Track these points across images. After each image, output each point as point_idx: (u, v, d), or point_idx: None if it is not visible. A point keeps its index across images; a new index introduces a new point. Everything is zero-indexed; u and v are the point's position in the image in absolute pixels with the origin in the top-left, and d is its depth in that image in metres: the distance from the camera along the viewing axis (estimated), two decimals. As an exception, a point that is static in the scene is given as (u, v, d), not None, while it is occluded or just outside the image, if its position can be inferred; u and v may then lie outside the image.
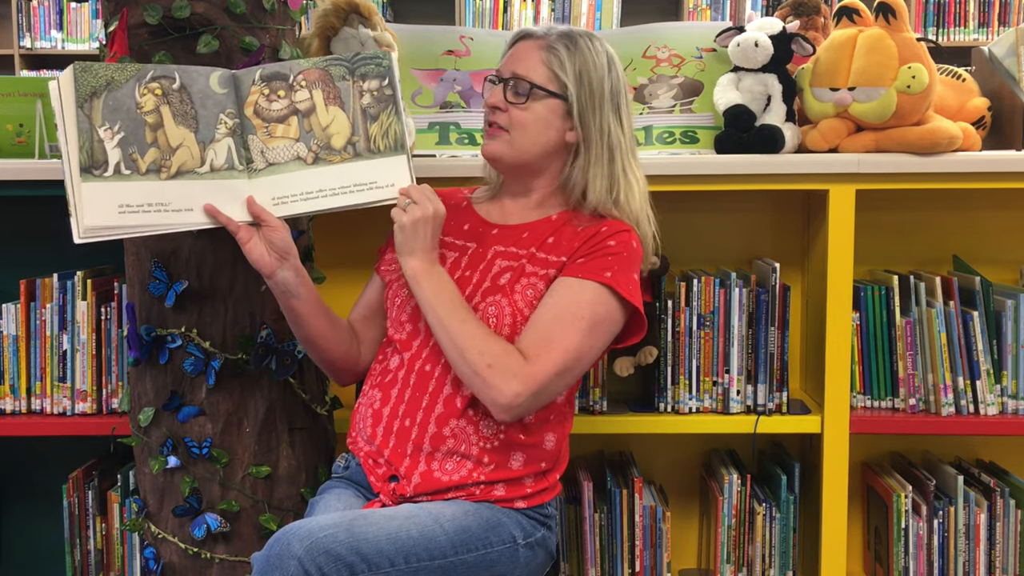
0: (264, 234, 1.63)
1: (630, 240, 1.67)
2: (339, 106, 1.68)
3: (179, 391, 1.85)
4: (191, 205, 1.61)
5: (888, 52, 2.01)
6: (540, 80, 1.68)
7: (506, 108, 1.69)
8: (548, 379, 1.56)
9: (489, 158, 1.73)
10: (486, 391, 1.55)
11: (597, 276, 1.62)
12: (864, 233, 2.12)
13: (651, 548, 2.15)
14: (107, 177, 1.56)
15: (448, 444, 1.62)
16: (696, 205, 2.29)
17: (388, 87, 1.69)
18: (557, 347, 1.58)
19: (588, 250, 1.65)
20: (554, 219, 1.72)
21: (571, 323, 1.59)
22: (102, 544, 2.17)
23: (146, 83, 1.60)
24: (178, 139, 1.61)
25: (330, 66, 1.69)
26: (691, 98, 2.21)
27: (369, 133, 1.68)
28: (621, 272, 1.63)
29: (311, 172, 1.67)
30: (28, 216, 2.32)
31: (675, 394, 2.13)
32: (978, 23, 5.25)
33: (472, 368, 1.56)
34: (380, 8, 5.13)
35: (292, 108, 1.67)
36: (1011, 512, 2.14)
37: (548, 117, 1.69)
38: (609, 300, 1.62)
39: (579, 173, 1.70)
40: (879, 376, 2.14)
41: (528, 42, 1.72)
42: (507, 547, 1.61)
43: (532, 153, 1.70)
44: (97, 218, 1.55)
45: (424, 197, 1.63)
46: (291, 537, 1.43)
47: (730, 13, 5.24)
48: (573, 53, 1.69)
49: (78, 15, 5.64)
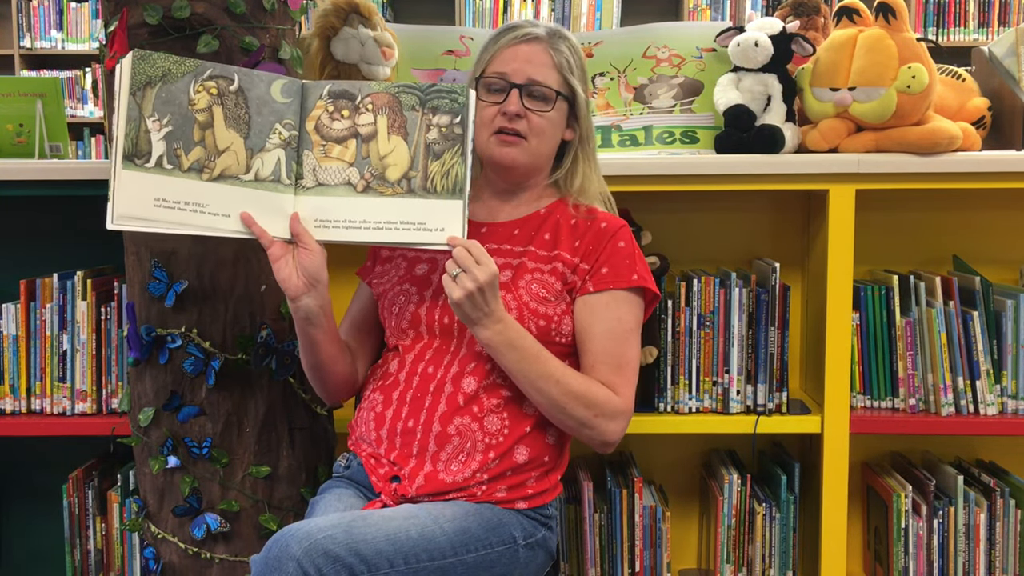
0: (298, 255, 1.59)
1: (628, 233, 1.73)
2: (402, 136, 1.62)
3: (179, 391, 1.85)
4: (228, 211, 1.58)
5: (888, 52, 2.01)
6: (557, 85, 1.70)
7: (525, 114, 1.68)
8: (632, 401, 1.68)
9: (507, 164, 1.71)
10: (597, 437, 1.65)
11: (628, 282, 1.69)
12: (864, 233, 2.12)
13: (651, 548, 2.15)
14: (148, 168, 1.55)
15: (453, 442, 1.62)
16: (696, 205, 2.29)
17: (459, 125, 1.61)
18: (628, 369, 1.68)
19: (607, 257, 1.69)
20: (543, 213, 1.75)
21: (626, 339, 1.68)
22: (102, 544, 2.17)
23: (203, 80, 1.58)
24: (226, 142, 1.59)
25: (402, 93, 1.63)
26: (691, 98, 2.21)
27: (428, 170, 1.61)
28: (639, 266, 1.71)
29: (359, 200, 1.61)
30: (28, 216, 2.32)
31: (675, 394, 2.13)
32: (978, 23, 5.25)
33: (579, 422, 1.63)
34: (380, 8, 5.13)
35: (353, 130, 1.62)
36: (1011, 512, 2.14)
37: (559, 121, 1.73)
38: (640, 299, 1.72)
39: (574, 168, 1.75)
40: (879, 376, 2.14)
41: (534, 45, 1.70)
42: (507, 548, 1.60)
43: (544, 156, 1.74)
44: (132, 207, 1.55)
45: (472, 262, 1.54)
46: (289, 539, 1.43)
47: (730, 13, 5.24)
48: (573, 54, 1.73)
49: (78, 15, 5.64)
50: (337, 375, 1.75)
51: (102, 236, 1.76)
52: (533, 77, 1.68)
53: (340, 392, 1.80)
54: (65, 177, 2.06)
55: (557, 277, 1.68)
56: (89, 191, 2.03)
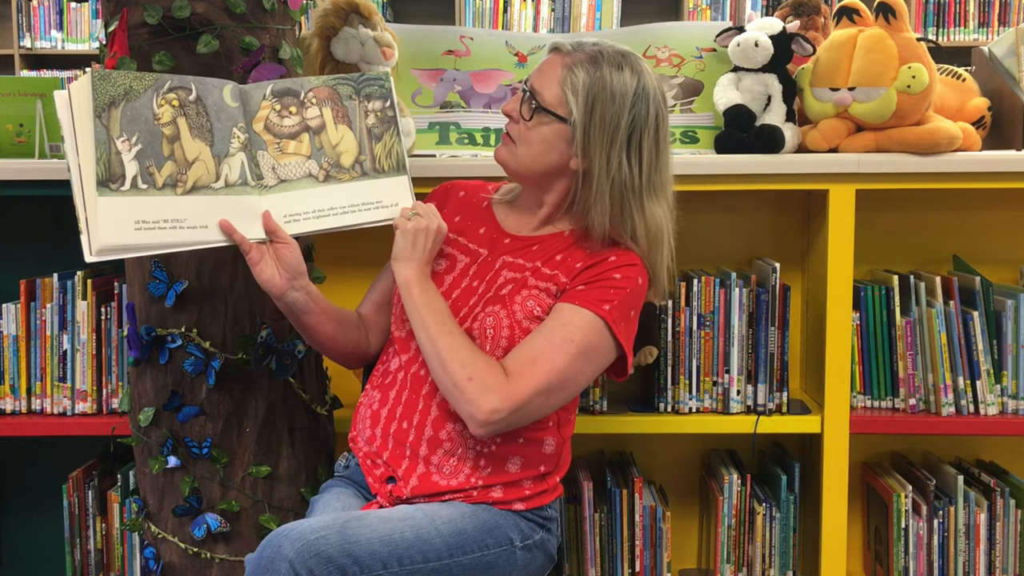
0: (276, 251, 1.61)
1: (636, 276, 1.61)
2: (347, 125, 1.69)
3: (179, 391, 1.85)
4: (206, 222, 1.56)
5: (888, 52, 2.01)
6: (550, 100, 1.61)
7: (518, 119, 1.66)
8: (528, 397, 1.53)
9: (497, 160, 1.71)
10: (464, 405, 1.53)
11: (594, 307, 1.57)
12: (864, 233, 2.12)
13: (651, 548, 2.15)
14: (124, 191, 1.50)
15: (445, 447, 1.61)
16: (696, 205, 2.27)
17: (390, 108, 1.71)
18: (541, 368, 1.54)
19: (591, 278, 1.61)
20: (566, 235, 1.68)
21: (560, 346, 1.55)
22: (102, 544, 2.17)
23: (163, 93, 1.56)
24: (194, 153, 1.57)
25: (338, 85, 1.69)
26: (691, 98, 2.21)
27: (375, 153, 1.70)
28: (619, 308, 1.59)
29: (322, 190, 1.66)
30: (28, 216, 2.32)
31: (675, 394, 2.13)
32: (978, 23, 5.25)
33: (452, 380, 1.54)
34: (380, 8, 5.13)
35: (304, 125, 1.67)
36: (1011, 512, 2.14)
37: (552, 140, 1.61)
38: (603, 331, 1.58)
39: (582, 201, 1.63)
40: (879, 376, 2.14)
41: (554, 56, 1.65)
42: (504, 550, 1.60)
43: (533, 170, 1.65)
44: (113, 236, 1.48)
45: (429, 212, 1.65)
46: (282, 539, 1.43)
47: (730, 13, 5.24)
48: (592, 79, 1.59)
49: (78, 15, 5.64)
50: (341, 348, 1.76)
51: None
52: (534, 85, 1.64)
53: (350, 362, 1.81)
54: (65, 177, 2.02)
55: (551, 297, 1.63)
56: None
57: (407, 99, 2.21)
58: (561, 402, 1.61)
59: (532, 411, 1.56)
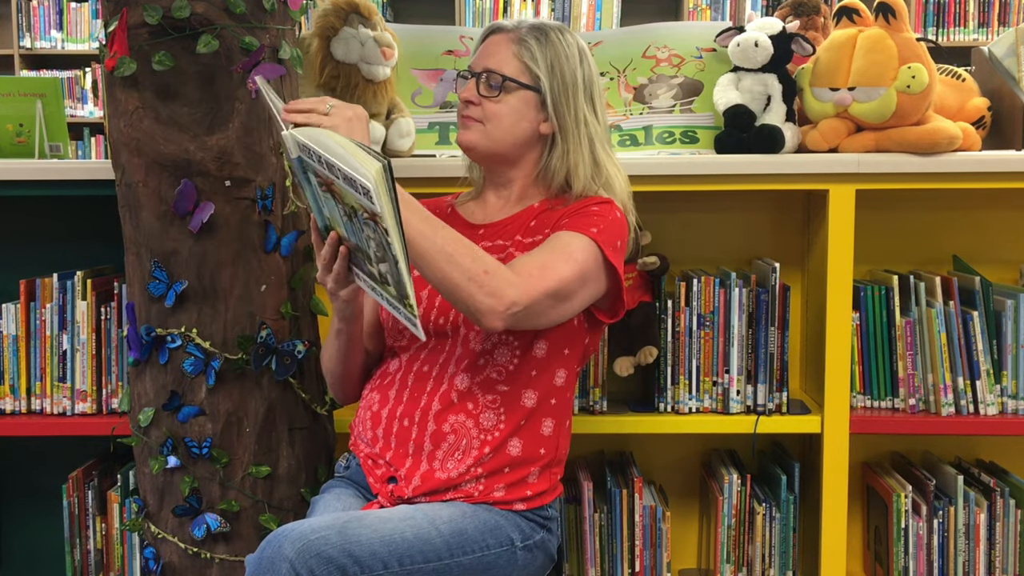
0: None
1: (613, 209, 1.69)
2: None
3: (179, 391, 1.85)
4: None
5: (888, 52, 2.01)
6: (512, 73, 1.70)
7: (479, 102, 1.71)
8: (542, 296, 1.55)
9: (464, 147, 1.74)
10: (483, 297, 1.49)
11: (584, 230, 1.63)
12: (864, 233, 2.12)
13: (651, 548, 2.15)
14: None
15: (449, 440, 1.62)
16: (696, 205, 2.29)
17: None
18: (551, 273, 1.56)
19: (572, 212, 1.67)
20: (536, 207, 1.74)
21: (564, 259, 1.58)
22: (102, 544, 2.17)
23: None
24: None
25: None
26: (691, 98, 2.21)
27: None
28: (606, 232, 1.64)
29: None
30: (28, 216, 2.32)
31: (675, 394, 2.13)
32: (978, 23, 5.26)
33: (467, 274, 1.48)
34: (380, 8, 5.13)
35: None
36: (1011, 512, 2.14)
37: (522, 109, 1.70)
38: (597, 255, 1.63)
39: (558, 162, 1.72)
40: (879, 376, 2.14)
41: (499, 36, 1.74)
42: (504, 550, 1.60)
43: (506, 143, 1.72)
44: None
45: (341, 104, 1.54)
46: (283, 539, 1.43)
47: (730, 13, 5.25)
48: (544, 45, 1.70)
49: (78, 15, 5.64)
50: (356, 377, 1.80)
51: (102, 236, 1.76)
52: (487, 66, 1.71)
53: (352, 393, 1.84)
54: (65, 177, 2.06)
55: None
56: (89, 191, 2.03)
57: (407, 99, 2.21)
58: (560, 317, 1.63)
59: (541, 313, 1.58)
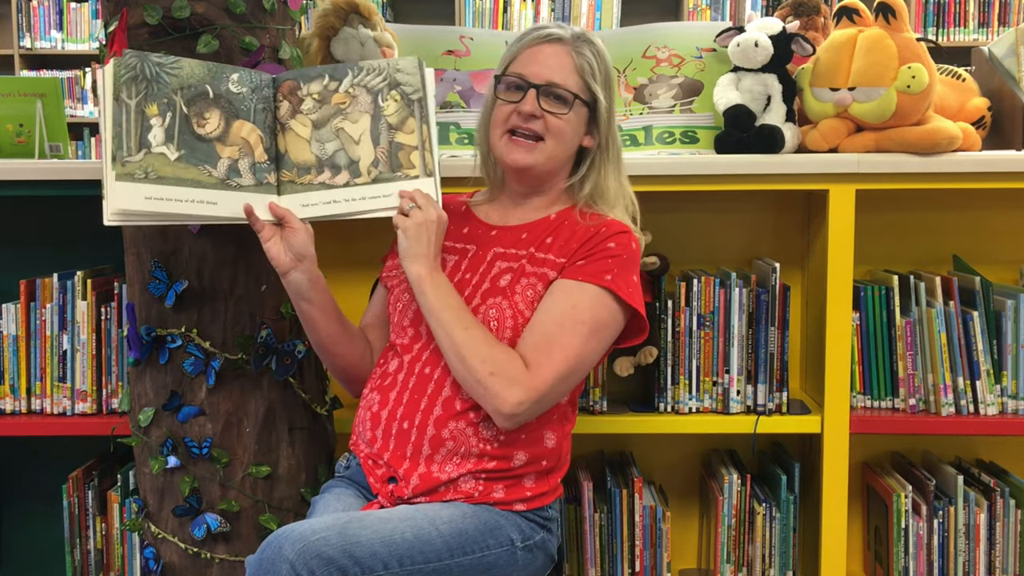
0: (285, 235, 1.65)
1: (629, 241, 1.67)
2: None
3: (179, 391, 1.85)
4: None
5: (888, 52, 2.01)
6: (576, 88, 1.68)
7: (541, 115, 1.67)
8: (550, 386, 1.57)
9: (521, 167, 1.70)
10: (489, 399, 1.56)
11: (597, 279, 1.61)
12: (864, 233, 2.12)
13: (651, 548, 2.15)
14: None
15: (447, 446, 1.62)
16: (696, 205, 2.29)
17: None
18: (559, 354, 1.58)
19: (587, 252, 1.64)
20: (553, 218, 1.72)
21: (572, 328, 1.59)
22: (102, 544, 2.17)
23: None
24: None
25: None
26: (691, 98, 2.21)
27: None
28: (621, 275, 1.63)
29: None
30: (28, 216, 2.32)
31: (675, 394, 2.13)
32: (978, 23, 5.25)
33: (475, 376, 1.56)
34: (380, 8, 5.13)
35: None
36: (1011, 512, 2.14)
37: (579, 126, 1.71)
38: (610, 303, 1.62)
39: (593, 177, 1.72)
40: (879, 376, 2.14)
41: (557, 47, 1.69)
42: (504, 550, 1.60)
43: (561, 160, 1.72)
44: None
45: (427, 202, 1.63)
46: (283, 540, 1.43)
47: (730, 13, 5.24)
48: (598, 60, 1.70)
49: (78, 15, 5.64)
50: (345, 357, 1.77)
51: (102, 236, 1.76)
52: (552, 79, 1.67)
53: (357, 383, 1.81)
54: (65, 177, 2.06)
55: (549, 281, 1.65)
56: (89, 191, 2.02)
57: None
58: (577, 382, 1.67)
59: (553, 398, 1.61)
